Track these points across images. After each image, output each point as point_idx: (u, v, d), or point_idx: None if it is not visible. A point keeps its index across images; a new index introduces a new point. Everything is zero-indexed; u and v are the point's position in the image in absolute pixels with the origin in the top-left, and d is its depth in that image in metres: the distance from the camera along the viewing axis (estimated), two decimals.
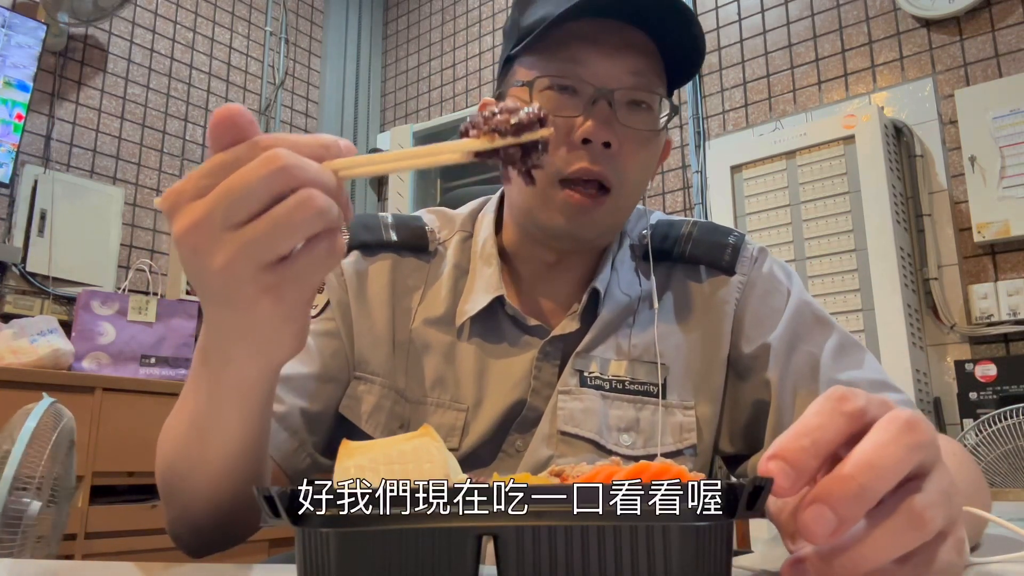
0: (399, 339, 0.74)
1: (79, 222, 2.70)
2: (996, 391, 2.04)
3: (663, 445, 0.70)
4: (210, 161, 0.37)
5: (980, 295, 2.16)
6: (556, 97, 0.68)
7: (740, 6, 2.80)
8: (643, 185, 0.73)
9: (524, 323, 0.73)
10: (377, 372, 0.73)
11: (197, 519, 0.58)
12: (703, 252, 0.76)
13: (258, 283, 0.38)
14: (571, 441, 0.69)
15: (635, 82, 0.67)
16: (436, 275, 0.77)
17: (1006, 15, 2.25)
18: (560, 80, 0.68)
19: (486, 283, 0.74)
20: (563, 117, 0.67)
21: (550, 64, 0.68)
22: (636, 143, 0.68)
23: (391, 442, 0.39)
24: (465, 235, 0.80)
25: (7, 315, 2.43)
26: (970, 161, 2.20)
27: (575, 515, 0.31)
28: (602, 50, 0.67)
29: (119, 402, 2.12)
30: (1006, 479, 1.66)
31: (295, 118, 3.59)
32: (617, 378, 0.72)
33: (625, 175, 0.68)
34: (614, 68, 0.67)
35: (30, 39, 2.50)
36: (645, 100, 0.68)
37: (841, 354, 0.70)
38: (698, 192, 2.74)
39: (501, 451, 0.71)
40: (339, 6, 3.87)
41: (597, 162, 0.66)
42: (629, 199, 0.71)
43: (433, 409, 0.72)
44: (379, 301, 0.75)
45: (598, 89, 0.66)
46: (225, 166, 0.37)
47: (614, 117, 0.66)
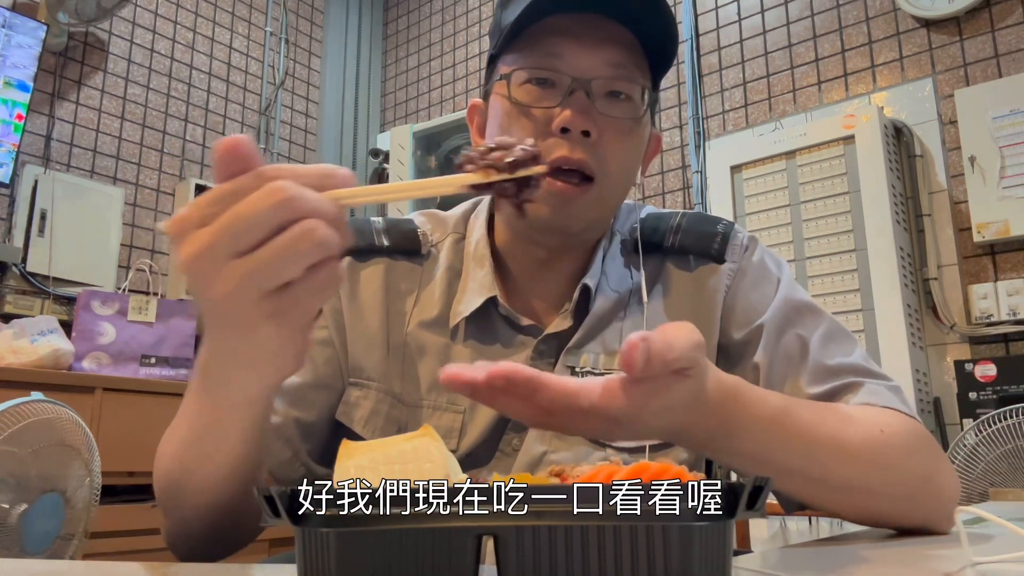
0: (394, 343, 0.74)
1: (79, 222, 2.70)
2: (996, 391, 2.04)
3: None
4: (215, 190, 0.39)
5: (980, 295, 2.16)
6: (535, 90, 0.68)
7: (740, 6, 2.80)
8: (628, 178, 0.72)
9: (517, 323, 0.73)
10: (372, 377, 0.73)
11: (194, 530, 0.59)
12: (692, 242, 0.76)
13: (260, 309, 0.39)
14: (563, 436, 0.69)
15: (613, 72, 0.67)
16: (430, 277, 0.77)
17: (1006, 15, 2.25)
18: (538, 72, 0.68)
19: (479, 284, 0.74)
20: (542, 108, 0.67)
21: (529, 58, 0.69)
22: (617, 132, 0.68)
23: (391, 442, 0.39)
24: (458, 237, 0.80)
25: (7, 315, 2.43)
26: (970, 161, 2.20)
27: (575, 515, 0.31)
28: (579, 42, 0.67)
29: (119, 402, 2.12)
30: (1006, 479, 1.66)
31: (295, 118, 3.59)
32: (608, 371, 0.71)
33: (607, 165, 0.68)
34: (591, 59, 0.67)
35: (30, 39, 2.50)
36: (624, 90, 0.68)
37: (830, 340, 0.70)
38: (698, 192, 2.74)
39: (498, 451, 0.71)
40: (339, 6, 3.87)
41: (577, 150, 0.66)
42: (614, 191, 0.71)
43: (430, 412, 0.72)
44: (372, 306, 0.75)
45: (575, 79, 0.66)
46: (229, 196, 0.38)
47: (592, 106, 0.67)
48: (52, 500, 1.42)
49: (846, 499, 0.59)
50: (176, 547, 0.63)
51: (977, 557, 0.44)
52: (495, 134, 0.71)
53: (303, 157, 3.59)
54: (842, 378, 0.68)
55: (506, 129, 0.69)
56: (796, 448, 0.54)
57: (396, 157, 3.03)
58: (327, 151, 3.69)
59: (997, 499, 1.50)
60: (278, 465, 0.71)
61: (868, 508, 0.60)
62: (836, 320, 0.73)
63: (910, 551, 0.53)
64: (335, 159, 3.72)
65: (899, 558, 0.51)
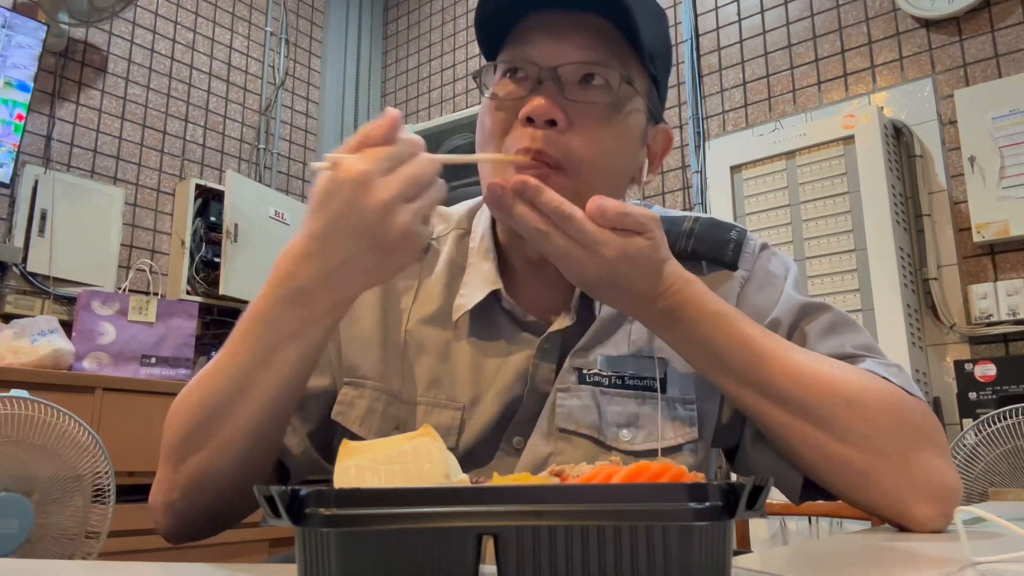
0: (392, 341, 0.74)
1: (79, 222, 2.70)
2: (995, 391, 2.04)
3: (664, 440, 0.69)
4: (387, 150, 0.54)
5: (980, 295, 2.16)
6: (508, 83, 0.68)
7: (740, 6, 2.80)
8: (613, 169, 0.69)
9: (521, 318, 0.73)
10: (368, 376, 0.73)
11: (223, 464, 0.61)
12: (706, 249, 0.76)
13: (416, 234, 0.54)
14: (570, 438, 0.69)
15: (582, 57, 0.66)
16: (430, 272, 0.76)
17: (1006, 15, 2.25)
18: (509, 64, 0.68)
19: (483, 277, 0.73)
20: (513, 100, 0.67)
21: (504, 54, 0.69)
22: (591, 120, 0.66)
23: (391, 442, 0.39)
24: (462, 232, 0.79)
25: (8, 315, 2.43)
26: (970, 161, 2.21)
27: (575, 515, 0.31)
28: (550, 32, 0.67)
29: (119, 402, 2.12)
30: (1006, 479, 1.66)
31: (295, 118, 3.59)
32: (616, 373, 0.71)
33: (578, 154, 0.65)
34: (559, 46, 0.66)
35: (30, 39, 2.50)
36: (597, 74, 0.66)
37: (830, 331, 0.70)
38: (698, 192, 2.74)
39: (499, 450, 0.70)
40: (339, 6, 3.87)
41: (538, 140, 0.64)
42: (591, 181, 0.66)
43: (429, 409, 0.71)
44: (367, 304, 0.74)
45: (543, 68, 0.66)
46: (397, 156, 0.54)
47: (561, 95, 0.65)
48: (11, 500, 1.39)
49: (796, 425, 0.61)
50: (173, 504, 0.63)
51: (977, 557, 0.44)
52: (477, 132, 0.72)
53: (303, 157, 3.59)
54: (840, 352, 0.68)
55: (485, 124, 0.70)
56: (743, 351, 0.62)
57: None
58: (327, 151, 3.68)
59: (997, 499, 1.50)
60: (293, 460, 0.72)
61: (820, 445, 0.61)
62: (843, 313, 0.73)
63: (910, 551, 0.53)
64: None
65: (899, 558, 0.51)
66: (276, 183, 3.41)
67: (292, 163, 3.54)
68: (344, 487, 0.36)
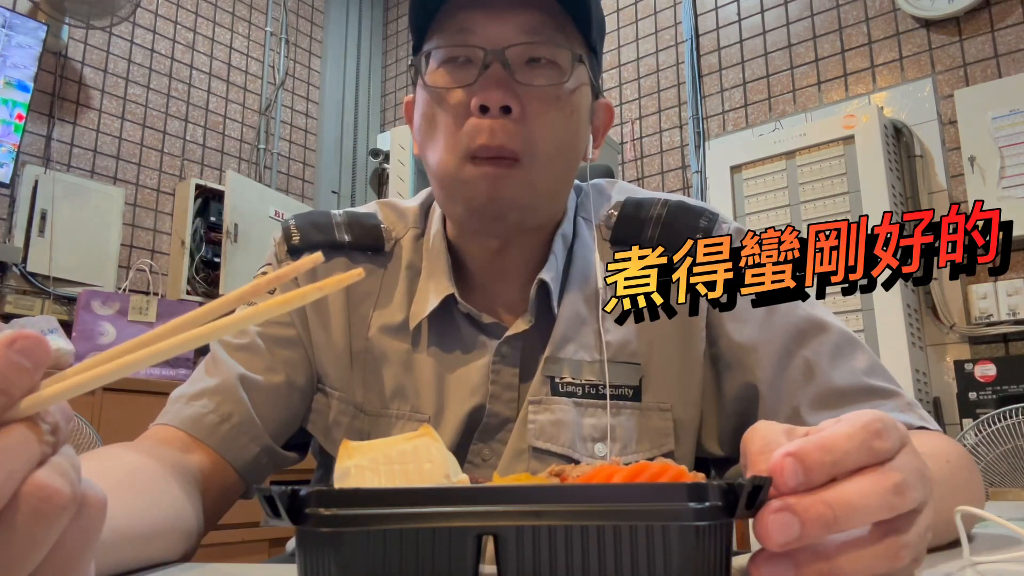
0: (356, 349, 0.71)
1: (79, 222, 2.70)
2: (995, 391, 2.04)
3: (639, 452, 0.66)
4: None
5: (979, 295, 2.16)
6: (450, 72, 0.63)
7: (740, 6, 2.80)
8: (565, 154, 0.65)
9: (479, 321, 0.69)
10: (335, 386, 0.70)
11: None
12: (672, 237, 0.69)
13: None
14: (543, 457, 0.65)
15: (528, 37, 0.62)
16: (391, 278, 0.72)
17: (1005, 15, 2.25)
18: (450, 51, 0.63)
19: (436, 282, 0.69)
20: (459, 88, 0.62)
21: (440, 39, 0.64)
22: (543, 102, 0.62)
23: (391, 442, 0.39)
24: (417, 232, 0.75)
25: (7, 315, 2.43)
26: (970, 161, 2.21)
27: (575, 515, 0.31)
28: (489, 12, 0.62)
29: (119, 402, 2.12)
30: (1006, 479, 1.66)
31: (295, 118, 3.59)
32: (590, 383, 0.67)
33: (534, 141, 0.62)
34: (502, 27, 0.62)
35: (30, 39, 2.50)
36: (545, 55, 0.63)
37: (837, 355, 0.65)
38: (698, 192, 2.74)
39: (467, 462, 0.67)
40: (339, 6, 3.87)
41: (497, 133, 0.60)
42: (544, 170, 0.63)
43: (393, 421, 0.68)
44: (334, 311, 0.71)
45: (488, 51, 0.61)
46: None
47: (511, 78, 0.61)
48: None
49: None
50: None
51: (977, 557, 0.44)
52: (420, 127, 0.66)
53: (303, 157, 3.59)
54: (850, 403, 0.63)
55: (429, 119, 0.64)
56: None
57: (396, 157, 3.03)
58: (327, 151, 3.69)
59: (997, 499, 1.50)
60: (243, 465, 0.67)
61: None
62: (841, 327, 0.68)
63: None
64: (335, 159, 3.72)
65: None
66: (276, 183, 3.41)
67: (292, 163, 3.54)
68: (344, 487, 0.36)
